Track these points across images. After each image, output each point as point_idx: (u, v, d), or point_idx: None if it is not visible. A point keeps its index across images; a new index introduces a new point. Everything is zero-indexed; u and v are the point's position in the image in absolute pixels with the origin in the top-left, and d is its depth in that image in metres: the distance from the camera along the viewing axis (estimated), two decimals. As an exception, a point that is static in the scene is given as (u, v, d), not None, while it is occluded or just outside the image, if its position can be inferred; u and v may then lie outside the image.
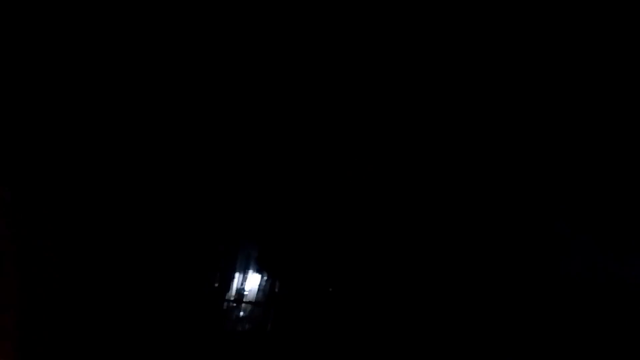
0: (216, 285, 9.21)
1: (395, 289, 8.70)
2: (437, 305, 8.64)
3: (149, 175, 8.18)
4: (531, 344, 8.86)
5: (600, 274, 8.93)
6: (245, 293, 9.36)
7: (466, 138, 9.51)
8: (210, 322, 8.99)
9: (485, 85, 9.56)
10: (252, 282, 9.38)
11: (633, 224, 9.07)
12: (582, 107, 9.58)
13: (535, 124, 9.67)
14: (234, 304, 9.33)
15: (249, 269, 9.39)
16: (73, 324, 7.09)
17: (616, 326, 8.56)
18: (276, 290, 9.44)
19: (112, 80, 7.70)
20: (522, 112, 9.80)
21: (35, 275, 6.62)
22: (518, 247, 9.13)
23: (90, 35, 7.19)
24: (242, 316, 9.47)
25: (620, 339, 8.80)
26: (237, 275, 9.34)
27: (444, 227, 8.99)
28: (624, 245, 9.09)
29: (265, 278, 9.43)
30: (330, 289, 9.08)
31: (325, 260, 9.10)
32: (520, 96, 9.75)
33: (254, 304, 9.35)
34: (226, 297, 9.29)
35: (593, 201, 9.17)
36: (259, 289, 9.39)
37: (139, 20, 7.25)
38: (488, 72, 9.42)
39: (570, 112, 9.80)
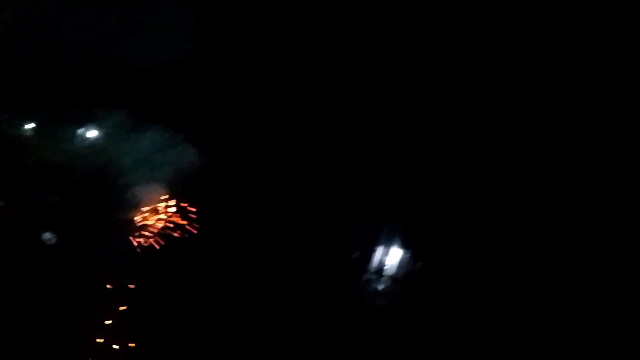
0: (355, 256, 9.41)
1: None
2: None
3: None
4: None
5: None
6: (386, 267, 9.43)
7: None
8: (348, 293, 9.17)
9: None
10: (393, 257, 9.42)
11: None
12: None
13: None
14: (374, 277, 9.42)
15: (392, 244, 9.46)
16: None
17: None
18: (418, 267, 9.36)
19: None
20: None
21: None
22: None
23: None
24: (381, 290, 9.50)
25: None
26: (379, 249, 9.46)
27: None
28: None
29: (408, 254, 9.42)
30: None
31: (471, 244, 8.87)
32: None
33: (394, 279, 9.34)
34: (366, 269, 9.44)
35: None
36: (400, 265, 9.38)
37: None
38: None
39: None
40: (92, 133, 10.66)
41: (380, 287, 9.45)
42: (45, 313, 7.42)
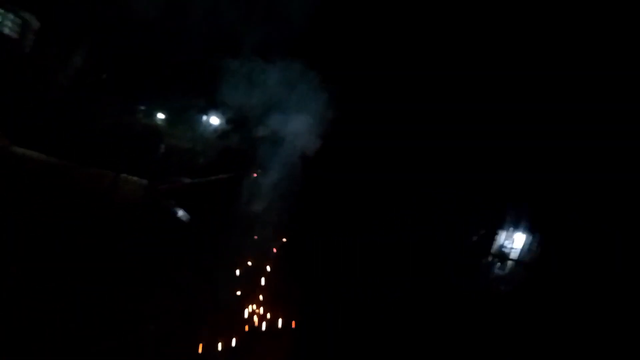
0: (474, 239, 9.06)
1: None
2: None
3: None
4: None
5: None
6: (510, 251, 8.98)
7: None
8: (469, 276, 8.86)
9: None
10: (519, 241, 8.94)
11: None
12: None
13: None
14: (496, 260, 9.02)
15: (518, 227, 8.98)
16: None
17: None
18: (547, 252, 8.79)
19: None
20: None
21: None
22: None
23: None
24: (503, 274, 9.09)
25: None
26: (502, 232, 9.03)
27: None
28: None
29: (535, 238, 8.88)
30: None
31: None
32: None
33: (519, 263, 8.87)
34: (488, 252, 9.06)
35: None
36: (526, 249, 8.89)
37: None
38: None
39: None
40: (215, 120, 11.36)
41: (503, 272, 9.02)
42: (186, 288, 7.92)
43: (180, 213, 9.08)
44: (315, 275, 7.59)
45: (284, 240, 7.76)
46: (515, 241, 8.92)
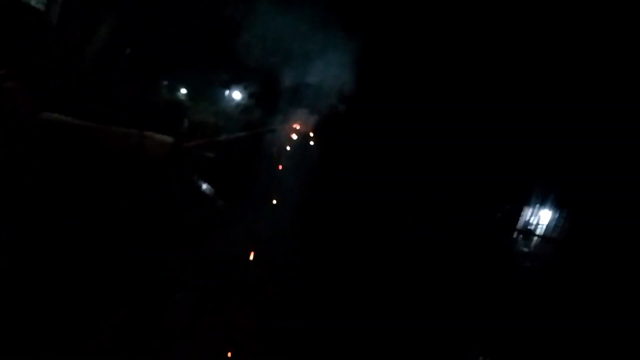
0: (499, 215, 8.93)
1: None
2: None
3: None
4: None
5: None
6: (536, 227, 8.83)
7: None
8: (494, 251, 8.76)
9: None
10: (545, 217, 8.78)
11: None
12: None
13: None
14: (521, 236, 8.90)
15: (545, 202, 8.81)
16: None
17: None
18: (573, 228, 8.62)
19: None
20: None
21: None
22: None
23: None
24: (528, 251, 8.97)
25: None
26: (528, 207, 8.88)
27: None
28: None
29: (562, 214, 8.71)
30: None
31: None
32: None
33: (545, 239, 8.73)
34: (514, 228, 8.94)
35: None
36: (552, 225, 8.73)
37: None
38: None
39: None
40: (237, 95, 11.36)
41: (529, 248, 8.89)
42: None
43: (205, 186, 9.19)
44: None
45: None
46: (541, 217, 8.78)
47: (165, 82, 11.90)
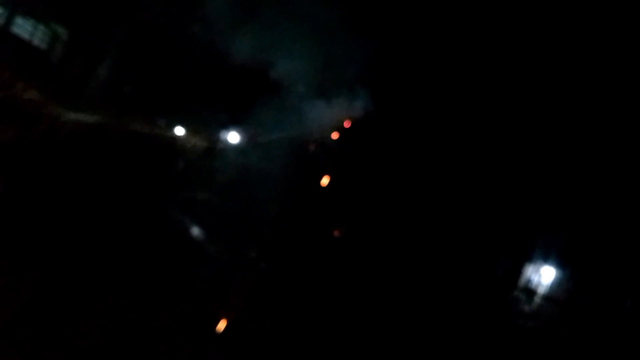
0: (501, 274, 8.64)
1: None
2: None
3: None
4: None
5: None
6: (537, 286, 8.52)
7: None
8: (492, 312, 8.44)
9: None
10: (547, 276, 8.48)
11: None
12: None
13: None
14: (522, 296, 8.58)
15: (546, 260, 8.54)
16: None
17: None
18: (579, 289, 8.32)
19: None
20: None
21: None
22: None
23: None
24: (529, 311, 8.62)
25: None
26: (529, 265, 8.60)
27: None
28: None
29: (566, 274, 8.41)
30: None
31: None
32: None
33: (548, 299, 8.40)
34: (513, 287, 8.63)
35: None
36: (556, 285, 8.42)
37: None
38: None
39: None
40: (234, 137, 11.24)
41: (530, 308, 8.56)
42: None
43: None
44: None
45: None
46: (543, 275, 8.50)
47: (162, 121, 11.78)
